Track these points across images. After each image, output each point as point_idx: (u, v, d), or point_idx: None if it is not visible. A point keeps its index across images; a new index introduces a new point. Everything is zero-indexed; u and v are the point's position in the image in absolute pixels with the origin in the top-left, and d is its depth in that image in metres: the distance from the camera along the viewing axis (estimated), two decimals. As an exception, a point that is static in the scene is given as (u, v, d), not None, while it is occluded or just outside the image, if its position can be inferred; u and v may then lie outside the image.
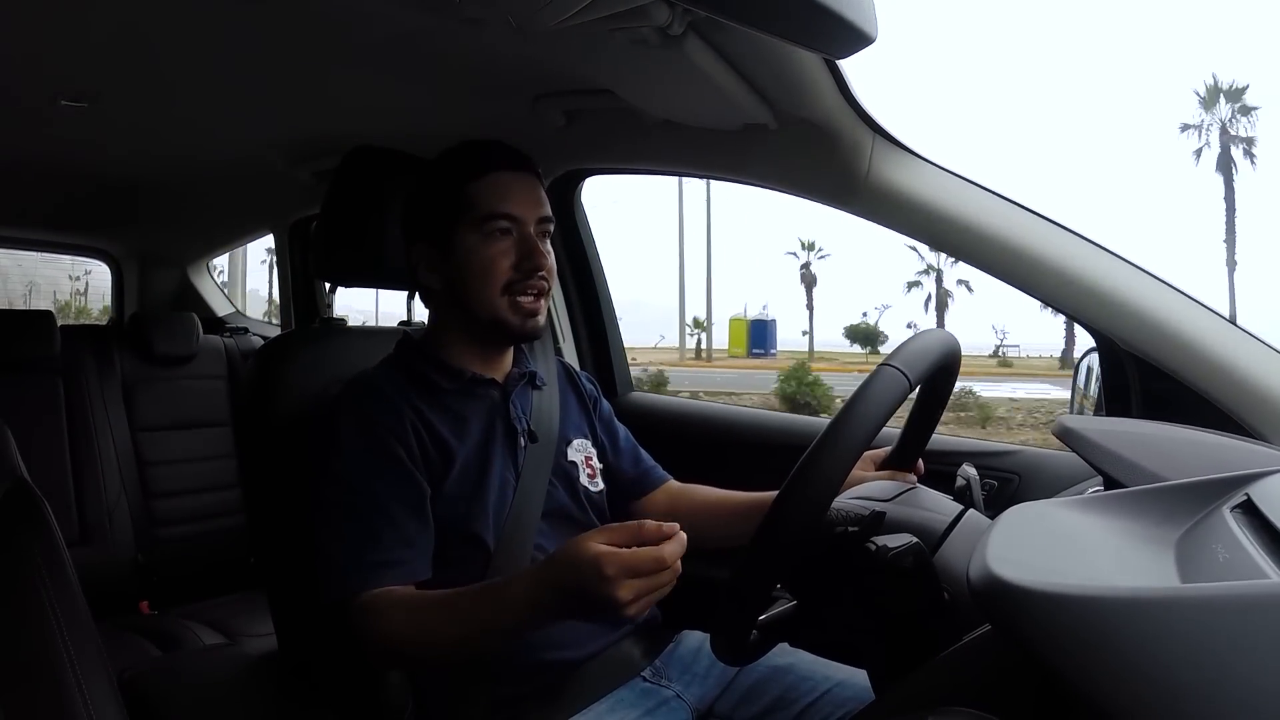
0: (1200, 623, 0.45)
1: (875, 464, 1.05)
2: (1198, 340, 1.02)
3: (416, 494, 0.96)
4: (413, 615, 0.88)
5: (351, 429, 0.97)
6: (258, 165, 1.88)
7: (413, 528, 0.94)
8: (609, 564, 0.73)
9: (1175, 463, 0.77)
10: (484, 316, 1.02)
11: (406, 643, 0.88)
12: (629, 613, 0.74)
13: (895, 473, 1.03)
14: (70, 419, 2.09)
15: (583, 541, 0.75)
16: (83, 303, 24.20)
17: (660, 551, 0.74)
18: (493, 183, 1.01)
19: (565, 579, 0.76)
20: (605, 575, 0.73)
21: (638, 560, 0.73)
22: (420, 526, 0.95)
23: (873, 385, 0.76)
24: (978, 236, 1.10)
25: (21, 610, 0.67)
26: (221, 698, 1.12)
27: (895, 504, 0.85)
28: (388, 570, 0.91)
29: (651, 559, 0.73)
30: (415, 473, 0.97)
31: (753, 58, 1.04)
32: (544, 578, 0.79)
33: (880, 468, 1.04)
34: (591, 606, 0.76)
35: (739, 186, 1.38)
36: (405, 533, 0.94)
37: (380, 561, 0.91)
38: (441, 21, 1.03)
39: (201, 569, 2.19)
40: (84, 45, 1.21)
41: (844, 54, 0.93)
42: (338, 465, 0.96)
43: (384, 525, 0.93)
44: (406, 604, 0.89)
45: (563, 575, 0.77)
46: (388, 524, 0.93)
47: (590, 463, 1.12)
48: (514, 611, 0.81)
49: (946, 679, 0.71)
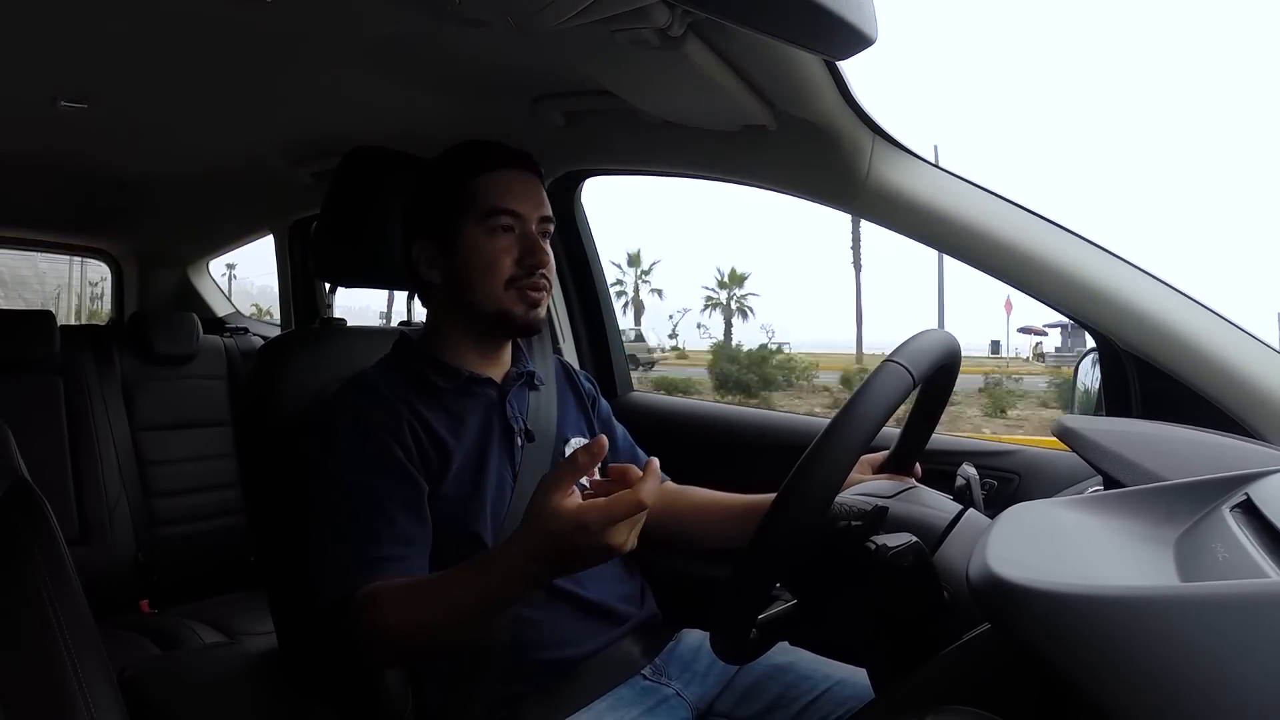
0: (1200, 622, 0.45)
1: (873, 468, 1.05)
2: (1197, 340, 1.02)
3: (414, 493, 0.96)
4: (406, 602, 0.87)
5: (348, 428, 0.97)
6: (258, 166, 1.88)
7: (410, 526, 0.94)
8: (591, 519, 0.73)
9: (1175, 462, 0.77)
10: (488, 309, 1.02)
11: (403, 632, 0.87)
12: (622, 551, 0.75)
13: (893, 476, 1.03)
14: (70, 419, 2.09)
15: (552, 505, 0.74)
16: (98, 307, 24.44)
17: (637, 494, 0.74)
18: (497, 179, 1.01)
19: (550, 546, 0.76)
20: (591, 531, 0.73)
21: (617, 507, 0.73)
22: (418, 525, 0.95)
23: (876, 381, 0.75)
24: (977, 237, 1.11)
25: (22, 610, 0.67)
26: (222, 697, 1.12)
27: (897, 501, 0.85)
28: (384, 565, 0.91)
29: (631, 504, 0.73)
30: (413, 471, 0.96)
31: (753, 59, 1.04)
32: (528, 550, 0.78)
33: (878, 471, 1.04)
34: (584, 560, 0.77)
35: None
36: (403, 531, 0.94)
37: (377, 558, 0.91)
38: (442, 22, 1.03)
39: (202, 568, 2.19)
40: (84, 45, 1.21)
41: (844, 55, 0.92)
42: (334, 465, 0.96)
43: (381, 524, 0.93)
44: (399, 592, 0.88)
45: (546, 543, 0.76)
46: (385, 522, 0.93)
47: None
48: (507, 585, 0.80)
49: (946, 678, 0.71)
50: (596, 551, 0.75)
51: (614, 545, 0.74)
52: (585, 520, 0.73)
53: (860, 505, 0.80)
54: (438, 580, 0.88)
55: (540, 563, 0.77)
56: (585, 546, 0.74)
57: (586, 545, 0.74)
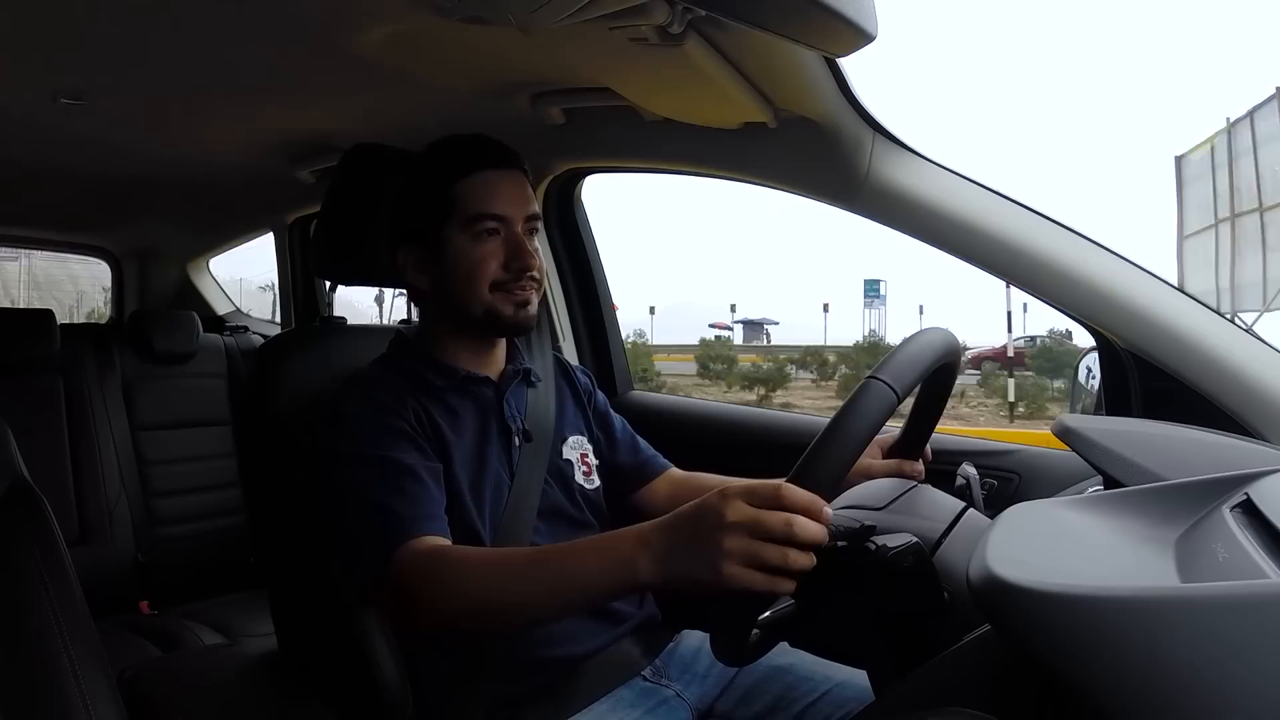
0: (1200, 622, 0.45)
1: (883, 450, 1.05)
2: (1197, 339, 1.02)
3: (435, 465, 0.96)
4: (482, 567, 0.84)
5: (360, 410, 0.97)
6: (257, 164, 1.87)
7: (439, 494, 0.94)
8: (734, 510, 0.68)
9: (1175, 462, 0.77)
10: (477, 311, 1.01)
11: (468, 598, 0.84)
12: (728, 570, 0.67)
13: (902, 462, 1.03)
14: (70, 418, 2.09)
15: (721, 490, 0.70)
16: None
17: (791, 517, 0.67)
18: (480, 182, 1.00)
19: (683, 522, 0.71)
20: (723, 521, 0.68)
21: (764, 519, 0.67)
22: (441, 493, 0.95)
23: (859, 400, 0.74)
24: (978, 235, 1.10)
25: (21, 610, 0.67)
26: (221, 698, 1.12)
27: (888, 512, 0.84)
28: (427, 524, 0.90)
29: (782, 521, 0.67)
30: (427, 448, 0.97)
31: (753, 56, 1.04)
32: (664, 522, 0.73)
33: (887, 455, 1.05)
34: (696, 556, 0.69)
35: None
36: (434, 495, 0.93)
37: (418, 515, 0.90)
38: (441, 20, 1.02)
39: (201, 568, 2.18)
40: (84, 45, 1.21)
41: (844, 52, 0.92)
42: (350, 446, 0.95)
43: (413, 485, 0.92)
44: (476, 555, 0.87)
45: (683, 518, 0.72)
46: (417, 483, 0.92)
47: (586, 460, 1.12)
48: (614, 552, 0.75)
49: (946, 679, 0.71)
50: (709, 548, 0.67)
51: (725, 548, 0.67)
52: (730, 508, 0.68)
53: (847, 524, 0.80)
54: (527, 552, 0.86)
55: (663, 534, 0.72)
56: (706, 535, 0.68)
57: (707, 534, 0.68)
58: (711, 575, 0.68)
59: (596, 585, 0.78)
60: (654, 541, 0.73)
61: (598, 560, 0.77)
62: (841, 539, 0.78)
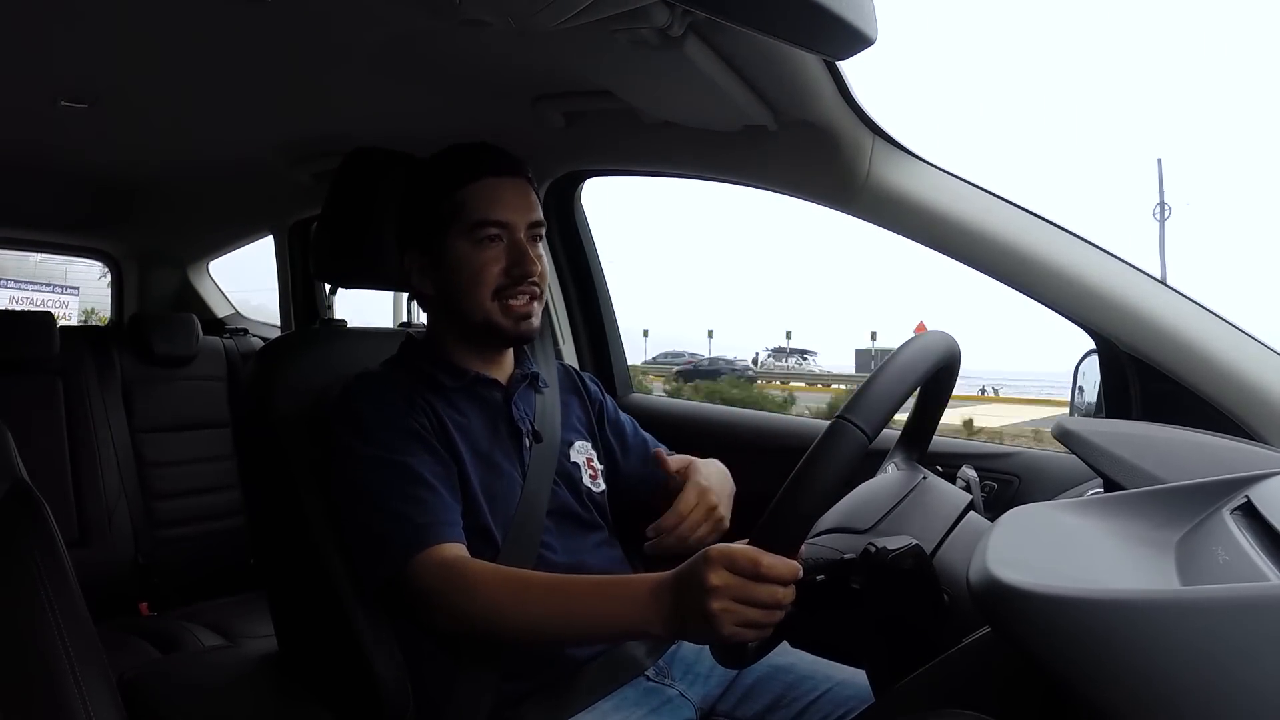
0: (1200, 625, 0.45)
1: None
2: (1197, 341, 1.02)
3: (446, 468, 0.96)
4: (501, 586, 0.87)
5: (372, 410, 0.97)
6: (258, 166, 1.87)
7: (451, 499, 0.95)
8: (716, 577, 0.73)
9: (1175, 465, 0.77)
10: (476, 320, 1.02)
11: (483, 615, 0.87)
12: (720, 632, 0.74)
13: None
14: (70, 420, 2.08)
15: (711, 550, 0.75)
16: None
17: (775, 591, 0.73)
18: (482, 189, 1.00)
19: (680, 584, 0.77)
20: (707, 586, 0.73)
21: (747, 591, 0.73)
22: (455, 499, 0.95)
23: (827, 444, 0.72)
24: (978, 239, 1.10)
25: (20, 612, 0.67)
26: (221, 700, 1.12)
27: (875, 533, 0.83)
28: (441, 531, 0.91)
29: (766, 594, 0.73)
30: (439, 449, 0.97)
31: (753, 59, 1.04)
32: (667, 580, 0.79)
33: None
34: (690, 619, 0.76)
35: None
36: (446, 502, 0.94)
37: (432, 522, 0.91)
38: (441, 23, 1.03)
39: (201, 570, 2.18)
40: (84, 45, 1.21)
41: (844, 55, 0.92)
42: (362, 447, 0.95)
43: (425, 491, 0.93)
44: (494, 573, 0.88)
45: (681, 580, 0.77)
46: (429, 490, 0.93)
47: (592, 464, 1.12)
48: (632, 602, 0.80)
49: (946, 680, 0.71)
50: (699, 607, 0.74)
51: (713, 610, 0.73)
52: (712, 572, 0.73)
53: (826, 557, 0.80)
54: (545, 578, 0.89)
55: (668, 592, 0.78)
56: (695, 596, 0.74)
57: (696, 595, 0.74)
58: (707, 637, 0.77)
59: (612, 626, 0.84)
60: (663, 598, 0.79)
61: (619, 605, 0.82)
62: (820, 572, 0.78)
